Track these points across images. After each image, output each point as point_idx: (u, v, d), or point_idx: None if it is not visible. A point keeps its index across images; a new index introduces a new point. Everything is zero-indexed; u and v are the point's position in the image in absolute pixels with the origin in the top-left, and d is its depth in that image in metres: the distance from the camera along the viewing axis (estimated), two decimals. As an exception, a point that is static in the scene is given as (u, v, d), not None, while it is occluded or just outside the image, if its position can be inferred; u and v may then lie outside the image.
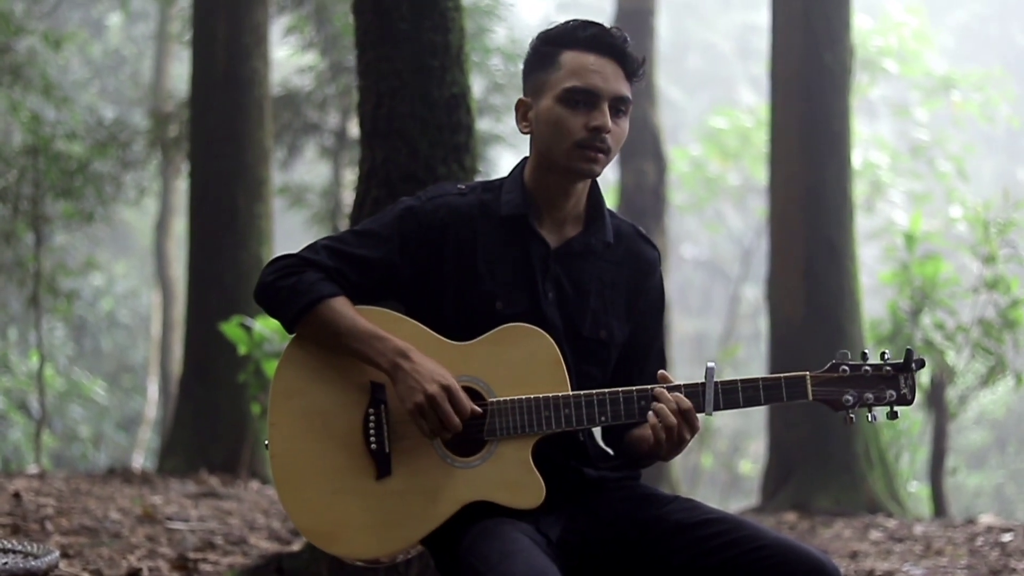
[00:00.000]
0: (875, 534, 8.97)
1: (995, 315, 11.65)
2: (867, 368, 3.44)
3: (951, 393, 11.71)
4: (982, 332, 11.61)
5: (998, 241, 11.78)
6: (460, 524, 3.42)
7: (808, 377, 3.43)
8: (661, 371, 3.50)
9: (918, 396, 11.20)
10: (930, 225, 18.63)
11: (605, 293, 3.64)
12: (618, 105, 3.52)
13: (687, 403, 3.39)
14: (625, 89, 3.53)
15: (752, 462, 27.36)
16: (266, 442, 3.59)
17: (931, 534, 8.77)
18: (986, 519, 9.86)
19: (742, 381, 3.44)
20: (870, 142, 24.22)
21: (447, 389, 3.39)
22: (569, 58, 3.52)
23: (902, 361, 3.44)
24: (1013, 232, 11.92)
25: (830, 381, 3.44)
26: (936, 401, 11.37)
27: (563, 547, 3.48)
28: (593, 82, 3.49)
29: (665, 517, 3.49)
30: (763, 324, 12.14)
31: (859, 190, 20.33)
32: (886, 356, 3.45)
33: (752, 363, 29.69)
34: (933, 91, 23.83)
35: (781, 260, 11.59)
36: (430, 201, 3.61)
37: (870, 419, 3.47)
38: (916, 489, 14.04)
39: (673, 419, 3.37)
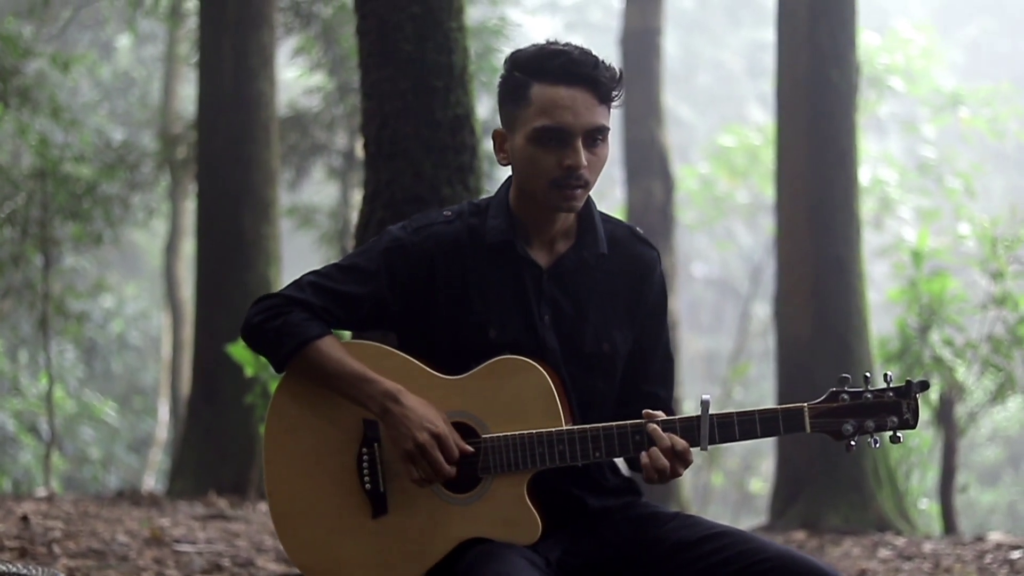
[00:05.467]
0: (884, 552, 8.94)
1: (1004, 331, 11.62)
2: (868, 395, 3.35)
3: (961, 410, 11.67)
4: (991, 349, 11.58)
5: (1006, 257, 11.75)
6: (457, 548, 3.42)
7: (806, 409, 3.35)
8: (646, 410, 3.41)
9: (927, 413, 11.17)
10: (939, 242, 18.59)
11: (605, 305, 3.59)
12: (594, 135, 3.42)
13: (682, 443, 3.34)
14: (599, 117, 3.42)
15: (762, 480, 27.29)
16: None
17: (940, 552, 8.74)
18: (995, 536, 9.83)
19: (738, 414, 3.37)
20: (879, 159, 24.19)
21: (437, 437, 3.37)
22: (538, 93, 3.41)
23: (903, 386, 3.34)
24: (1021, 248, 11.90)
25: (829, 412, 3.35)
26: (946, 418, 11.33)
27: (563, 569, 3.47)
28: (563, 119, 3.38)
29: (666, 536, 3.48)
30: (773, 342, 12.11)
31: (868, 207, 20.32)
32: (889, 378, 3.35)
33: (763, 381, 29.64)
34: (941, 107, 23.79)
35: (788, 278, 11.58)
36: (416, 233, 3.55)
37: (872, 444, 3.37)
38: (926, 507, 14.00)
39: (664, 461, 3.33)
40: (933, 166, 23.15)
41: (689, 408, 28.67)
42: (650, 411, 3.40)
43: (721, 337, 35.91)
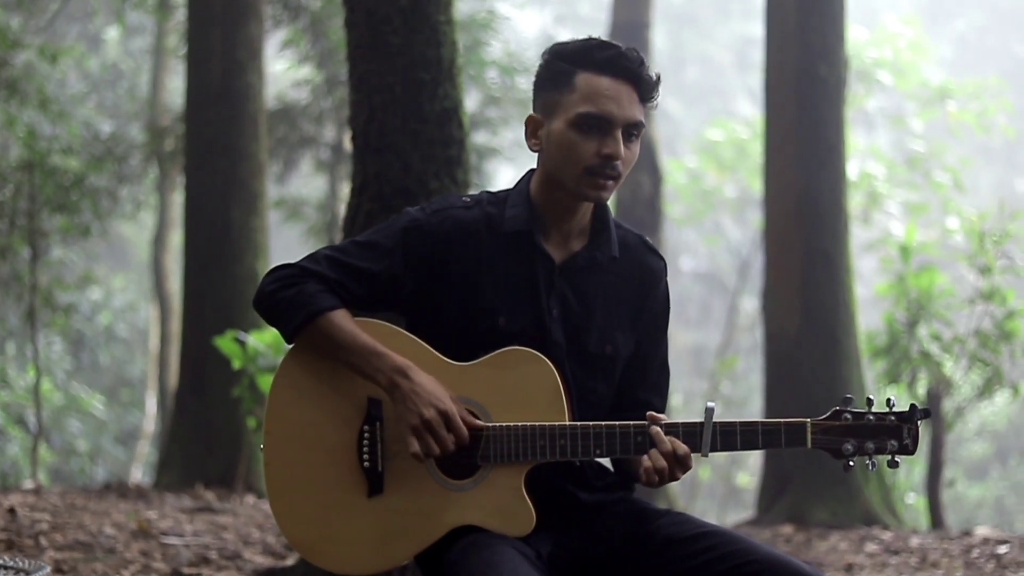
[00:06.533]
0: (871, 546, 8.95)
1: (992, 326, 11.63)
2: (870, 417, 3.38)
3: (948, 405, 11.69)
4: (979, 343, 11.59)
5: (994, 252, 11.77)
6: (448, 536, 3.42)
7: (808, 425, 3.38)
8: (649, 412, 3.43)
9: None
10: (927, 236, 18.61)
11: (611, 307, 3.61)
12: (631, 130, 3.47)
13: (683, 448, 3.36)
14: (639, 114, 3.47)
15: (750, 474, 27.32)
16: (261, 445, 3.58)
17: (927, 546, 8.75)
18: (982, 531, 9.84)
19: (741, 424, 3.39)
20: (867, 153, 24.20)
21: (444, 414, 3.37)
22: (584, 80, 3.44)
23: (907, 411, 3.37)
24: (1009, 243, 11.92)
25: (831, 429, 3.38)
26: (933, 413, 11.34)
27: (553, 562, 3.47)
28: (608, 108, 3.42)
29: (656, 532, 3.49)
30: (761, 336, 12.13)
31: (856, 201, 20.32)
32: (892, 403, 3.38)
33: (751, 375, 29.66)
34: (929, 102, 23.80)
35: (776, 272, 11.59)
36: (435, 215, 3.56)
37: (869, 466, 3.40)
38: (914, 501, 14.02)
39: (664, 463, 3.35)
40: (921, 160, 23.15)
41: (676, 401, 28.67)
42: (654, 413, 3.42)
43: (709, 331, 35.91)
